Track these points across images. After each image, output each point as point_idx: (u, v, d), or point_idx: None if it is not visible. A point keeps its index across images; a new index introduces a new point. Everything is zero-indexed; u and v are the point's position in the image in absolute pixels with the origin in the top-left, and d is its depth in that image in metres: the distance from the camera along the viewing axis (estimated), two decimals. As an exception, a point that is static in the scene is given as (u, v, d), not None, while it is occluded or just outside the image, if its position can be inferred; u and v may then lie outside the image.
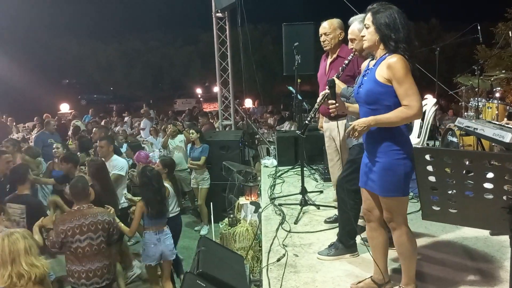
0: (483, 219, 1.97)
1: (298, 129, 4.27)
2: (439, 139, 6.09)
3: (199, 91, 32.61)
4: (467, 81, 6.25)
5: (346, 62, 3.50)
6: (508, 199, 1.81)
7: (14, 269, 2.76)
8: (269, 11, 29.70)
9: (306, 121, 3.39)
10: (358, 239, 3.32)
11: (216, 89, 10.34)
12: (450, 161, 1.89)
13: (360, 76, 2.68)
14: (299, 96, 4.61)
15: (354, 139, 2.66)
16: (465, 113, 5.83)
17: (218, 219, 5.98)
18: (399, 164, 2.41)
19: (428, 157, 1.92)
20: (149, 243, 4.43)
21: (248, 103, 18.59)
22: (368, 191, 2.61)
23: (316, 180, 5.48)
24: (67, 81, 34.88)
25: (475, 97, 5.61)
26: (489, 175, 1.79)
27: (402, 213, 2.51)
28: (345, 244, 3.26)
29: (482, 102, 5.43)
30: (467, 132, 4.70)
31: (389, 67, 2.35)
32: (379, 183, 2.47)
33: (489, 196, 1.84)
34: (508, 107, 5.21)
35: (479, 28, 6.04)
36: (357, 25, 3.26)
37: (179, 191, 5.68)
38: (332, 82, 2.70)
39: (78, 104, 25.80)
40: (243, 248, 5.11)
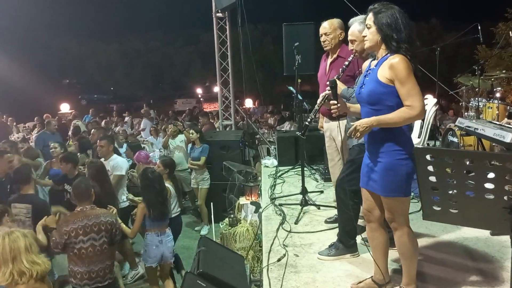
0: (484, 219, 1.97)
1: (298, 130, 4.26)
2: (440, 139, 6.08)
3: (199, 91, 32.58)
4: (467, 81, 6.25)
5: (347, 63, 3.49)
6: (509, 199, 1.81)
7: (15, 267, 2.76)
8: (269, 11, 29.79)
9: (306, 122, 3.37)
10: (358, 239, 3.32)
11: (217, 89, 10.33)
12: (450, 161, 1.89)
13: (362, 76, 2.67)
14: (300, 96, 4.60)
15: (355, 139, 2.65)
16: (466, 113, 5.82)
17: (218, 219, 5.98)
18: (401, 164, 2.40)
19: (429, 157, 1.92)
20: (151, 245, 4.42)
21: (249, 103, 18.59)
22: (369, 191, 2.60)
23: (317, 180, 5.48)
24: (67, 81, 34.91)
25: (476, 97, 5.60)
26: (490, 175, 1.80)
27: (404, 214, 2.51)
28: (345, 244, 3.26)
29: (483, 102, 5.42)
30: (467, 132, 4.70)
31: (391, 67, 2.34)
32: (381, 183, 2.47)
33: (490, 196, 1.84)
34: (508, 107, 5.20)
35: (479, 28, 6.02)
36: (357, 26, 3.26)
37: (179, 191, 5.68)
38: (334, 83, 2.68)
39: (78, 104, 25.80)
40: (243, 248, 5.10)
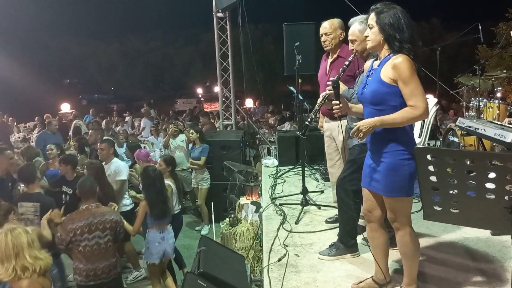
0: (484, 219, 1.97)
1: (299, 130, 4.26)
2: (440, 139, 6.08)
3: (200, 91, 32.52)
4: (468, 81, 6.25)
5: (347, 63, 3.48)
6: (510, 199, 1.80)
7: (18, 262, 2.77)
8: (270, 11, 29.77)
9: (307, 122, 3.37)
10: (359, 239, 3.32)
11: (217, 89, 10.33)
12: (451, 161, 1.89)
13: (364, 76, 2.66)
14: (300, 96, 4.60)
15: (357, 139, 2.65)
16: (466, 113, 5.81)
17: (219, 219, 5.98)
18: (403, 165, 2.40)
19: (430, 157, 1.92)
20: (153, 242, 4.44)
21: (249, 103, 18.56)
22: (371, 191, 2.59)
23: (317, 180, 5.48)
24: (68, 81, 34.98)
25: (476, 97, 5.59)
26: (491, 175, 1.79)
27: (406, 214, 2.51)
28: (346, 244, 3.25)
29: (483, 102, 5.41)
30: (468, 132, 4.69)
31: (394, 67, 2.34)
32: (384, 183, 2.46)
33: (491, 196, 1.84)
34: (509, 107, 5.19)
35: (480, 28, 6.02)
36: (358, 26, 3.26)
37: (180, 189, 5.69)
38: (336, 83, 2.67)
39: (79, 104, 25.82)
40: (244, 248, 5.10)
